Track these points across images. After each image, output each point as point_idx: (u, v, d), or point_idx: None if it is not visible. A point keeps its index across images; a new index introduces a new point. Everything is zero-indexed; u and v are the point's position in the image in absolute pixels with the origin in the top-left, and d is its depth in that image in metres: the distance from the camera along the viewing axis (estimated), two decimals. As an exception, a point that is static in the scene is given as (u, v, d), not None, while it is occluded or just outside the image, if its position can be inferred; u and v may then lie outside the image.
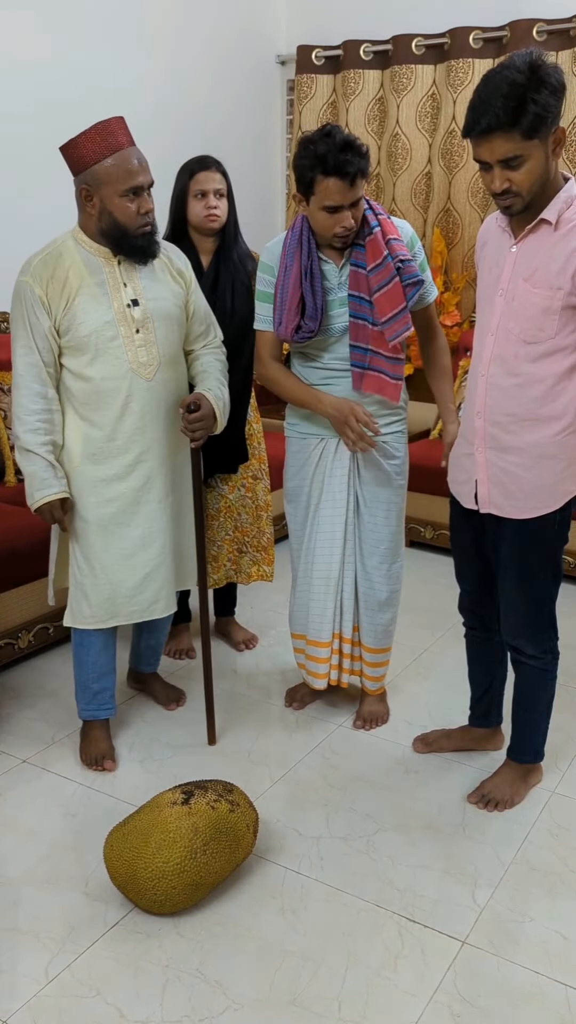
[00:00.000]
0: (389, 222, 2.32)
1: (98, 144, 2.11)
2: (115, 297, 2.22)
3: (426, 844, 2.19)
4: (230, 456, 2.88)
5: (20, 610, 2.91)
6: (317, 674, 2.64)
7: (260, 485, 3.00)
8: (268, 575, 3.07)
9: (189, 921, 1.95)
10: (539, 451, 2.03)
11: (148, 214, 2.17)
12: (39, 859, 2.13)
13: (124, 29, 3.87)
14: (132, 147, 2.15)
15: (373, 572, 2.55)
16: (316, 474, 2.50)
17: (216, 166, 2.68)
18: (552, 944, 1.90)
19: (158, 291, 2.29)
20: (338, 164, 2.13)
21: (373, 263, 2.27)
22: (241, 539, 3.01)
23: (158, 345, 2.27)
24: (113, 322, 2.20)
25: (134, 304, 2.23)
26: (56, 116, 3.54)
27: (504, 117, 1.75)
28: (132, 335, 2.23)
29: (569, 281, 1.88)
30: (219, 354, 2.48)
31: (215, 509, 2.95)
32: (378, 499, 2.49)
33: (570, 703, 2.80)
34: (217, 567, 3.01)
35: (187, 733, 2.65)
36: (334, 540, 2.51)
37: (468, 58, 4.12)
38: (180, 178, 2.70)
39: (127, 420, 2.27)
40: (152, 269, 2.29)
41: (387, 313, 2.28)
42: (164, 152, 3.77)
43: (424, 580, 3.66)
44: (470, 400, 2.13)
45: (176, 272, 2.36)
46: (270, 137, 4.88)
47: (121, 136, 2.13)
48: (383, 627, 2.61)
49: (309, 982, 1.80)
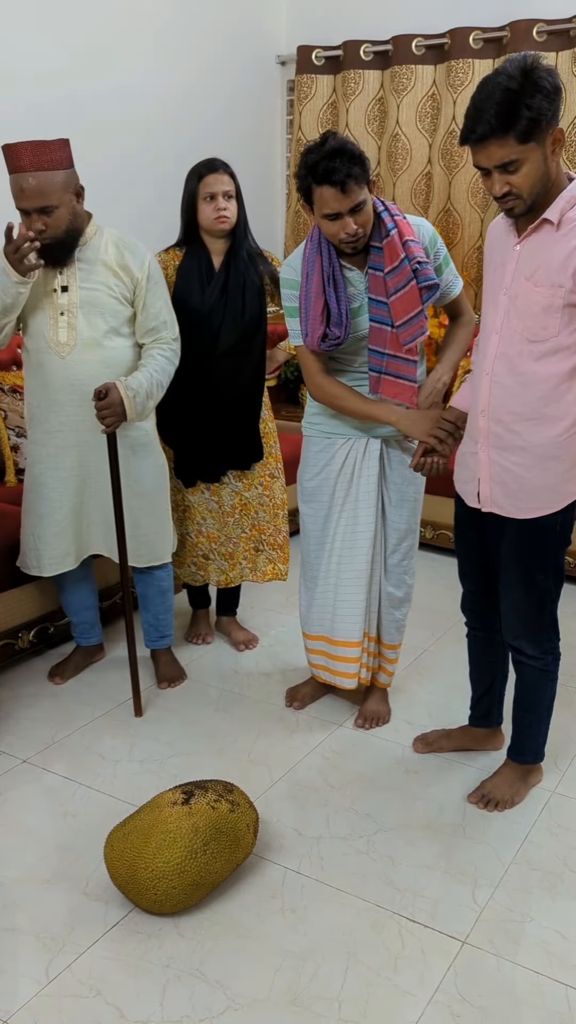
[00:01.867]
0: (406, 223, 2.30)
1: (8, 159, 2.35)
2: (49, 282, 2.49)
3: (426, 844, 2.19)
4: (243, 453, 2.90)
5: (20, 610, 2.91)
6: (347, 674, 2.63)
7: (277, 483, 3.01)
8: (283, 573, 3.08)
9: (189, 921, 1.95)
10: (542, 451, 2.03)
11: (39, 232, 2.36)
12: (39, 859, 2.13)
13: (124, 29, 3.87)
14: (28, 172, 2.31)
15: (393, 569, 2.57)
16: (342, 474, 2.49)
17: (224, 168, 2.69)
18: (552, 944, 1.90)
19: (92, 282, 2.50)
20: (326, 172, 2.13)
21: (390, 266, 2.26)
22: (259, 537, 3.02)
23: (78, 329, 2.49)
24: (42, 303, 2.49)
25: (63, 290, 2.48)
26: (56, 116, 3.55)
27: (497, 124, 1.77)
28: (56, 316, 2.49)
29: (570, 279, 1.89)
30: (164, 349, 2.58)
31: (230, 506, 2.96)
32: (404, 498, 2.51)
33: (570, 703, 2.80)
34: (233, 564, 3.02)
35: (186, 733, 2.65)
36: (366, 540, 2.51)
37: (468, 58, 4.12)
38: (189, 182, 2.72)
39: (46, 391, 2.56)
40: (93, 262, 2.50)
41: (402, 316, 2.28)
42: (164, 152, 3.80)
43: (424, 580, 3.65)
44: (474, 399, 2.13)
45: (120, 267, 2.52)
46: (270, 137, 4.88)
47: (24, 157, 2.31)
48: (400, 623, 2.65)
49: (309, 982, 1.80)
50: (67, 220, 2.41)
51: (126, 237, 2.56)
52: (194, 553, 3.03)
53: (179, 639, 3.17)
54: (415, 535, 2.60)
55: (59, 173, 2.36)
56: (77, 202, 2.45)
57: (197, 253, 2.76)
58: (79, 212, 2.46)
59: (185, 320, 2.68)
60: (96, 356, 2.52)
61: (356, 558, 2.52)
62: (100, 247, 2.51)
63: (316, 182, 2.16)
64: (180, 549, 3.02)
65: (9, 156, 2.34)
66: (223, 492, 2.95)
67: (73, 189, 2.42)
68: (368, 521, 2.50)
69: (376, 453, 2.45)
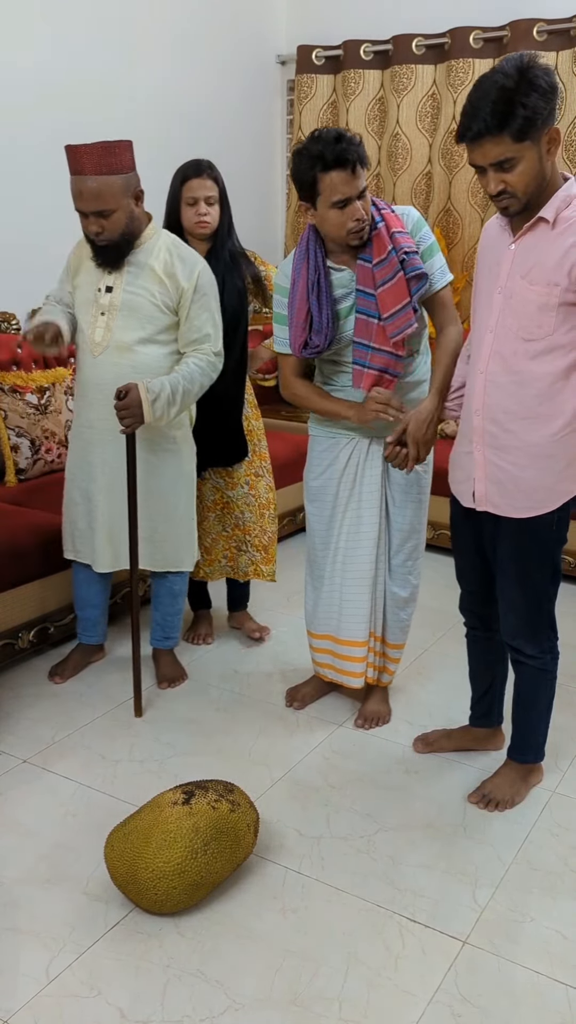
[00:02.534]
0: (392, 215, 2.29)
1: (70, 161, 2.37)
2: (97, 281, 2.53)
3: (427, 844, 2.19)
4: (226, 451, 2.89)
5: (20, 610, 2.91)
6: (353, 673, 2.63)
7: (262, 483, 3.00)
8: (265, 574, 3.08)
9: (190, 921, 1.94)
10: (537, 450, 2.03)
11: (96, 234, 2.43)
12: (39, 859, 2.13)
13: (124, 29, 3.87)
14: (88, 176, 2.33)
15: (398, 570, 2.57)
16: (345, 474, 2.50)
17: (208, 172, 2.69)
18: (553, 944, 1.90)
19: (136, 286, 2.50)
20: (337, 155, 2.12)
21: (379, 257, 2.25)
22: (242, 537, 3.02)
23: (113, 331, 2.52)
24: (89, 300, 2.55)
25: (108, 290, 2.51)
26: (56, 116, 3.55)
27: (493, 122, 1.78)
28: (97, 315, 2.53)
29: (565, 277, 1.89)
30: (200, 359, 2.55)
31: (211, 501, 2.97)
32: (408, 499, 2.51)
33: (570, 703, 2.80)
34: (210, 560, 3.02)
35: (186, 733, 2.65)
36: (369, 540, 2.51)
37: (468, 58, 4.12)
38: (173, 182, 2.73)
39: (81, 388, 2.66)
40: (142, 266, 2.49)
41: (390, 308, 2.26)
42: (165, 152, 3.77)
43: (424, 580, 3.63)
44: (468, 398, 2.13)
45: (167, 275, 2.50)
46: (270, 137, 4.88)
47: (85, 161, 2.33)
48: (406, 623, 2.65)
49: (310, 982, 1.80)
50: (123, 223, 2.42)
51: (182, 245, 2.55)
52: None
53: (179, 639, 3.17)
54: (420, 536, 2.59)
55: (119, 177, 2.36)
56: (136, 205, 2.45)
57: None
58: (137, 215, 2.46)
59: None
60: (126, 360, 2.53)
61: (360, 558, 2.52)
62: (152, 251, 2.50)
63: (325, 168, 2.14)
64: None
65: (72, 158, 2.34)
66: (204, 488, 2.95)
67: (132, 192, 2.42)
68: (372, 521, 2.50)
69: (379, 454, 2.45)
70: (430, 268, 2.33)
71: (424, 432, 2.27)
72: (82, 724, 2.68)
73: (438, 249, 2.35)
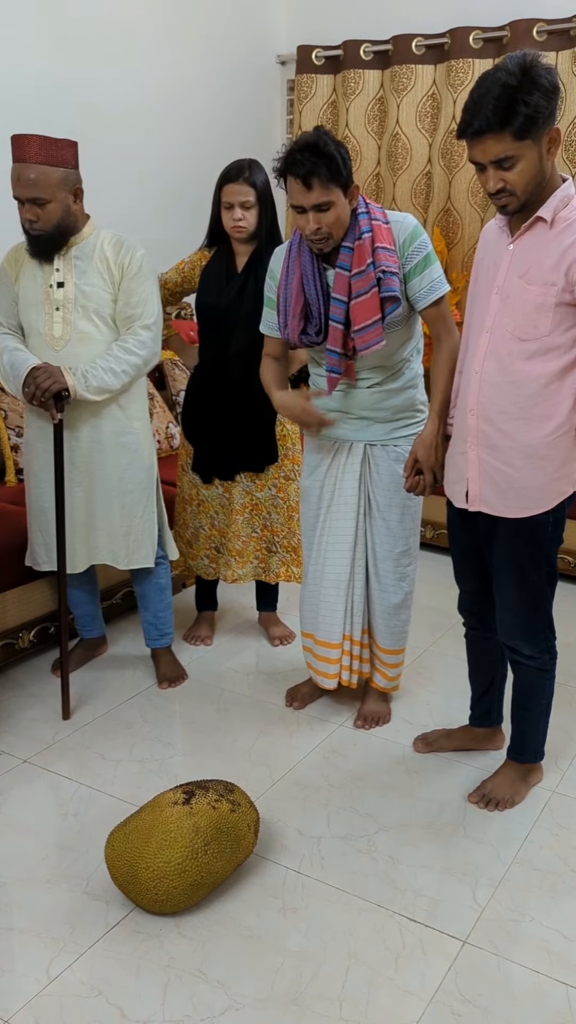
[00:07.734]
0: (384, 228, 2.22)
1: (14, 148, 2.39)
2: (47, 278, 2.54)
3: (427, 844, 2.20)
4: (257, 455, 2.91)
5: (20, 610, 2.91)
6: (327, 674, 2.64)
7: (292, 486, 3.01)
8: (297, 576, 3.08)
9: (190, 921, 1.95)
10: (531, 451, 2.03)
11: (30, 222, 2.45)
12: (39, 859, 2.13)
13: (124, 29, 3.87)
14: (30, 163, 2.37)
15: (387, 576, 2.55)
16: (328, 475, 2.51)
17: (247, 177, 2.67)
18: (553, 944, 1.90)
19: (86, 279, 2.54)
20: (290, 163, 2.11)
21: (356, 268, 2.21)
22: (271, 538, 3.03)
23: (72, 323, 2.53)
24: (39, 299, 2.54)
25: (59, 286, 2.52)
26: (57, 116, 3.55)
27: (494, 119, 1.78)
28: (52, 311, 2.53)
29: (563, 277, 1.90)
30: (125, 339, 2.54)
31: (240, 504, 2.97)
32: (392, 503, 2.48)
33: (570, 703, 2.80)
34: (242, 562, 3.02)
35: (186, 733, 2.65)
36: (345, 542, 2.51)
37: (468, 58, 4.12)
38: (217, 184, 2.74)
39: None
40: (90, 258, 2.53)
41: (360, 322, 2.22)
42: (165, 152, 3.80)
43: (424, 580, 3.64)
44: (463, 398, 2.13)
45: (111, 261, 2.54)
46: (270, 137, 4.87)
47: (28, 149, 2.37)
48: (399, 628, 2.62)
49: (310, 982, 1.80)
50: (58, 216, 2.44)
51: (121, 235, 2.59)
52: (207, 546, 3.05)
53: (178, 639, 3.17)
54: (410, 541, 2.55)
55: (59, 170, 2.40)
56: (74, 202, 2.47)
57: (222, 254, 2.81)
58: (73, 211, 2.49)
59: (205, 319, 2.81)
60: (89, 349, 2.55)
61: (336, 560, 2.53)
62: (96, 245, 2.54)
63: (281, 171, 2.15)
64: (195, 542, 3.06)
65: (16, 146, 2.39)
66: (235, 490, 2.96)
67: (71, 188, 2.45)
68: (348, 524, 2.50)
69: (359, 457, 2.46)
70: (425, 280, 2.26)
71: (433, 458, 2.27)
72: (83, 724, 2.68)
73: (435, 259, 2.28)
